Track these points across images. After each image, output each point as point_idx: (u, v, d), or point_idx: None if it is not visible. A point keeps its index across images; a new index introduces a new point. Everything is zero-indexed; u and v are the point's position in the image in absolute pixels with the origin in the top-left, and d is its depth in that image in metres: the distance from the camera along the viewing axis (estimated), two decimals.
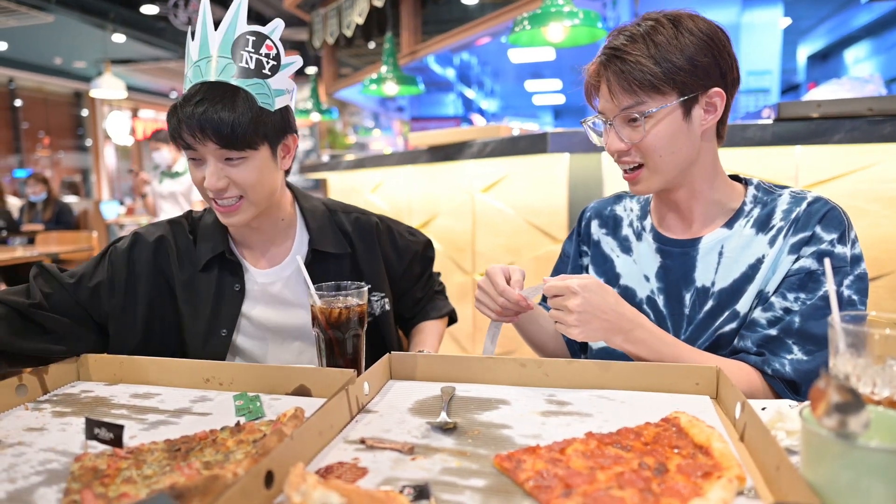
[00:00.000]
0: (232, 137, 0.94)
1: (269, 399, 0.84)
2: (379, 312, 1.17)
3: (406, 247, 1.24)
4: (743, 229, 0.96)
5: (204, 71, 0.96)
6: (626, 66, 0.88)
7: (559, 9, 2.40)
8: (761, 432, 0.62)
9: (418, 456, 0.66)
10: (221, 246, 1.08)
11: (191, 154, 0.98)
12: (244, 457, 0.64)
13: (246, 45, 0.96)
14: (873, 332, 0.56)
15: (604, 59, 0.92)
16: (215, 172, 0.97)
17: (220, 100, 0.93)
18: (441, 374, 0.91)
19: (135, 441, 0.71)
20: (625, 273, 1.07)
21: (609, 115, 0.93)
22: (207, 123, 0.93)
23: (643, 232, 1.07)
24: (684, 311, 0.99)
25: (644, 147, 0.92)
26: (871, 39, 7.65)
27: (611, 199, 1.17)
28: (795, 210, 0.94)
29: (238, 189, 0.99)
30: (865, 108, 1.78)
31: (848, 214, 0.94)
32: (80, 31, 7.80)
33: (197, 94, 0.94)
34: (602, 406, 0.80)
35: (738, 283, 0.95)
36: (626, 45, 0.89)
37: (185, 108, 0.94)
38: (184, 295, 1.08)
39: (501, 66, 11.18)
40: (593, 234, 1.14)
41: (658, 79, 0.87)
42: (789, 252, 0.92)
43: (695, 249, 0.99)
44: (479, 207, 2.55)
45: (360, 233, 1.17)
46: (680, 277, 1.00)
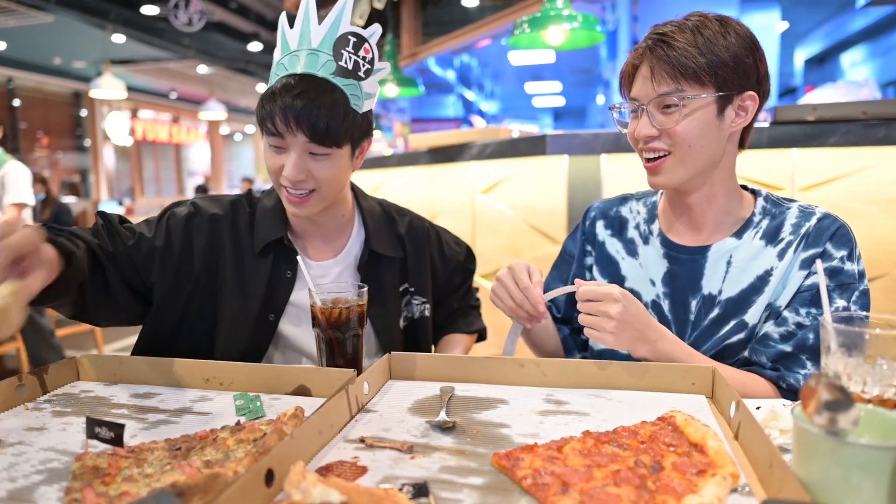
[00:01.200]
0: (324, 134, 0.95)
1: (269, 399, 0.85)
2: (418, 317, 1.18)
3: (452, 255, 1.25)
4: (752, 240, 0.98)
5: (304, 63, 0.97)
6: (672, 51, 0.89)
7: (558, 12, 2.41)
8: (755, 431, 0.63)
9: (417, 454, 0.66)
10: (280, 232, 1.08)
11: (275, 142, 0.98)
12: (245, 455, 0.65)
13: (347, 44, 0.97)
14: (863, 332, 0.57)
15: (650, 42, 0.92)
16: (298, 164, 0.97)
17: (319, 95, 0.94)
18: (440, 374, 0.92)
19: (135, 440, 0.72)
20: (630, 276, 1.07)
21: (644, 99, 0.93)
22: (305, 117, 0.94)
23: (650, 236, 1.07)
24: (689, 318, 1.00)
25: (675, 134, 0.91)
26: (868, 43, 7.69)
27: (616, 200, 1.17)
28: (805, 225, 0.95)
29: (314, 183, 1.00)
30: (860, 111, 1.79)
31: (853, 232, 0.96)
32: (79, 31, 7.81)
33: (297, 85, 0.95)
34: (599, 405, 0.80)
35: (746, 294, 0.96)
36: (674, 32, 0.91)
37: (283, 96, 0.94)
38: (234, 278, 1.06)
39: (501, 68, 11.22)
40: (598, 234, 1.14)
41: (701, 69, 0.89)
42: (800, 267, 0.94)
43: (703, 257, 1.00)
44: (479, 208, 2.56)
45: (412, 237, 1.19)
46: (687, 284, 1.01)
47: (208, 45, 8.98)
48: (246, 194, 1.16)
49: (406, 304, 1.17)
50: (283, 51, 0.99)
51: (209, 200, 1.12)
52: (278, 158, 0.99)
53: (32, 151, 10.62)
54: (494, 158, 2.40)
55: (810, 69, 9.03)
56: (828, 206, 1.89)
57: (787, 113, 1.86)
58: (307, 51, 0.97)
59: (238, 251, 1.08)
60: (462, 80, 11.13)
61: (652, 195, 1.13)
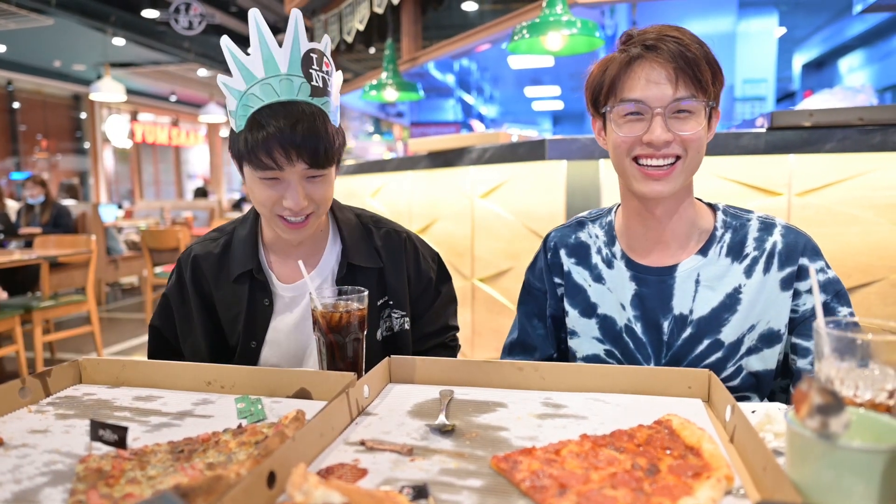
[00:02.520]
0: (324, 158, 0.96)
1: (271, 402, 0.86)
2: (398, 329, 1.17)
3: (426, 270, 1.22)
4: (718, 258, 0.99)
5: (278, 90, 0.94)
6: (691, 55, 0.90)
7: (558, 18, 2.43)
8: (750, 434, 0.64)
9: (417, 457, 0.67)
10: (251, 262, 1.10)
11: (269, 174, 0.97)
12: (247, 458, 0.65)
13: (311, 63, 0.96)
14: (856, 337, 0.58)
15: (672, 46, 0.90)
16: (300, 192, 0.97)
17: (310, 121, 0.94)
18: (439, 377, 0.93)
19: (138, 443, 0.72)
20: (601, 302, 1.06)
21: (657, 103, 0.91)
22: (304, 145, 0.93)
23: (613, 259, 1.06)
24: (663, 339, 1.00)
25: (688, 140, 0.92)
26: (865, 49, 7.73)
27: (572, 226, 1.14)
28: (768, 239, 0.98)
29: (314, 205, 1.01)
30: (856, 117, 1.81)
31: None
32: (79, 34, 7.83)
33: (285, 114, 0.93)
34: (597, 409, 0.81)
35: (717, 312, 0.98)
36: (681, 38, 0.91)
37: (275, 128, 0.92)
38: (222, 308, 1.13)
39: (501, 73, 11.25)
40: (563, 264, 1.11)
41: (706, 79, 0.91)
42: (782, 288, 0.96)
43: (671, 277, 1.00)
44: (478, 213, 2.57)
45: (389, 249, 1.17)
46: (657, 305, 1.00)
47: (208, 49, 9.00)
48: (222, 227, 1.19)
49: (386, 316, 1.16)
50: (247, 80, 0.95)
51: (186, 250, 1.18)
52: (273, 191, 0.99)
53: (32, 154, 10.62)
54: (494, 163, 2.41)
55: (808, 74, 9.07)
56: (824, 211, 1.92)
57: (784, 118, 1.88)
58: (279, 77, 0.94)
59: (220, 284, 1.12)
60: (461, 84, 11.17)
61: (606, 215, 1.11)
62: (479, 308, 2.62)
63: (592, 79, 0.98)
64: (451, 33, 4.62)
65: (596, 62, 1.00)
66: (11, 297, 4.39)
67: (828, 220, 1.93)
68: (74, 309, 3.89)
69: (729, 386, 0.98)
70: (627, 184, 0.98)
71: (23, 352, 3.48)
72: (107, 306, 6.14)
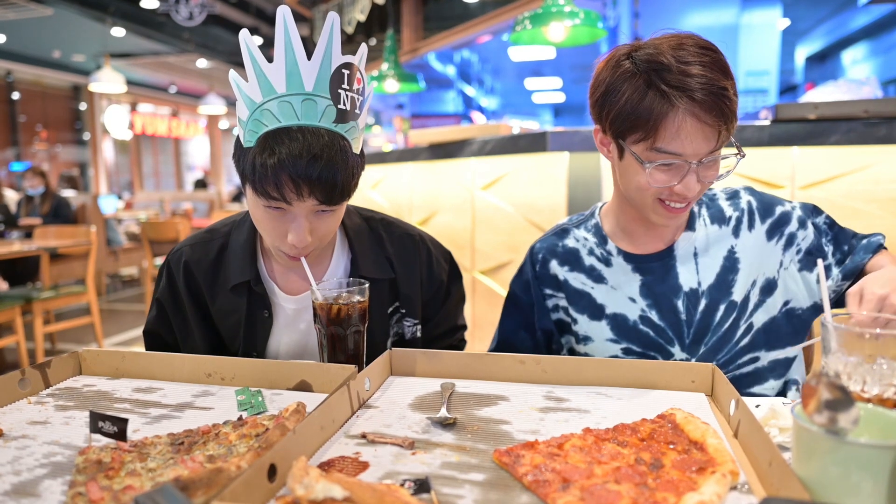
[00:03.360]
0: (339, 195, 0.87)
1: (271, 394, 0.85)
2: (409, 337, 1.12)
3: (438, 273, 1.15)
4: (705, 227, 1.04)
5: (300, 112, 0.83)
6: (730, 104, 0.85)
7: (560, 9, 2.41)
8: (755, 429, 0.63)
9: (419, 450, 0.67)
10: (248, 273, 1.02)
11: (277, 205, 0.87)
12: (247, 450, 0.65)
13: (342, 81, 0.84)
14: (864, 332, 0.58)
15: (715, 93, 0.83)
16: (305, 228, 0.88)
17: (330, 153, 0.83)
18: (441, 370, 0.92)
19: (138, 435, 0.72)
20: (608, 302, 1.05)
21: (695, 157, 0.87)
22: (319, 181, 0.83)
23: (610, 256, 1.05)
24: (681, 318, 1.02)
25: (708, 184, 0.92)
26: (869, 41, 7.68)
27: (557, 234, 1.12)
28: (741, 201, 1.05)
29: (316, 239, 0.92)
30: (861, 110, 1.79)
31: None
32: (79, 24, 7.78)
33: (303, 143, 0.82)
34: (600, 403, 0.81)
35: (722, 276, 1.02)
36: (725, 84, 0.85)
37: (290, 160, 0.81)
38: (220, 316, 1.07)
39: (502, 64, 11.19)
40: (557, 274, 1.08)
41: (735, 118, 0.87)
42: (768, 239, 1.03)
43: (672, 258, 1.03)
44: (478, 205, 2.56)
45: (401, 256, 1.10)
46: (667, 288, 1.02)
47: (208, 39, 8.94)
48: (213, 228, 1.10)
49: (396, 321, 1.12)
50: (264, 92, 0.83)
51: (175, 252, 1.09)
52: (279, 223, 0.90)
53: (31, 145, 10.59)
54: (495, 155, 2.40)
55: (811, 66, 9.02)
56: (827, 204, 1.91)
57: (789, 111, 1.86)
58: (302, 97, 0.83)
59: (215, 291, 1.06)
60: (462, 76, 11.11)
61: (590, 218, 1.11)
62: (479, 301, 2.62)
63: (605, 94, 0.91)
64: (452, 24, 4.59)
65: (601, 61, 0.94)
66: (12, 288, 4.38)
67: (831, 214, 1.92)
68: (74, 300, 3.88)
69: (741, 345, 1.01)
70: (643, 213, 0.97)
71: (23, 342, 3.48)
72: (107, 297, 6.15)
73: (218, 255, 1.06)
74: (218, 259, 1.06)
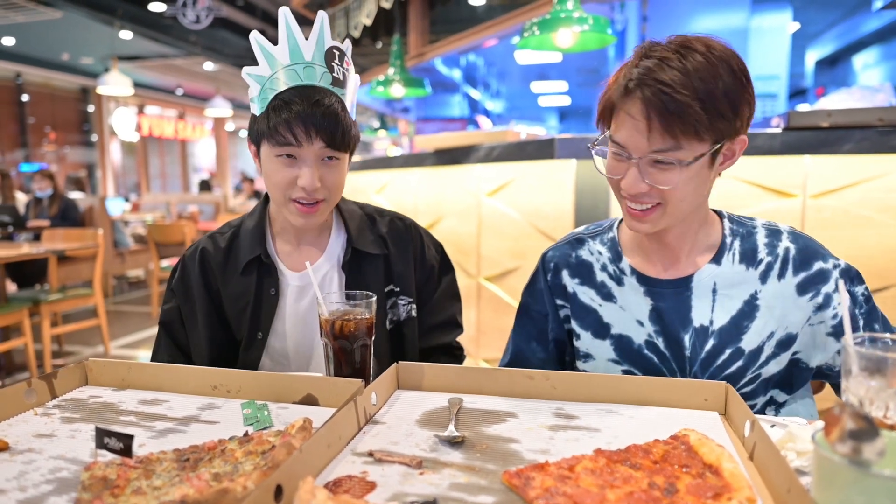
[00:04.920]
0: (340, 139, 1.01)
1: (277, 408, 0.84)
2: (405, 317, 1.18)
3: (430, 258, 1.23)
4: (732, 265, 0.96)
5: (302, 75, 1.00)
6: (674, 105, 0.79)
7: (569, 14, 2.39)
8: (771, 452, 0.62)
9: (427, 470, 0.65)
10: (259, 248, 1.11)
11: (287, 151, 1.00)
12: (253, 469, 0.64)
13: (334, 57, 1.02)
14: (886, 356, 0.56)
15: (649, 93, 0.80)
16: (314, 171, 1.01)
17: (330, 103, 0.99)
18: (448, 384, 0.91)
19: (143, 449, 0.71)
20: (615, 322, 1.01)
21: (635, 152, 0.84)
22: (322, 123, 0.98)
23: (623, 276, 1.01)
24: (685, 354, 0.97)
25: (669, 192, 0.86)
26: (881, 45, 7.62)
27: (571, 244, 1.08)
28: (779, 245, 0.96)
29: (326, 191, 1.03)
30: (876, 118, 1.77)
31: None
32: (87, 27, 7.83)
33: (305, 95, 0.98)
34: (610, 421, 0.79)
35: (736, 320, 0.95)
36: (675, 81, 0.80)
37: (296, 106, 0.97)
38: (230, 302, 1.13)
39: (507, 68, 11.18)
40: (567, 285, 1.05)
41: (703, 126, 0.80)
42: (799, 293, 0.94)
43: (688, 289, 0.96)
44: (484, 211, 2.55)
45: (394, 236, 1.19)
46: (676, 319, 0.96)
47: (215, 42, 8.99)
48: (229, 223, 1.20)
49: (392, 305, 1.17)
50: (271, 66, 1.01)
51: (192, 245, 1.17)
52: (289, 171, 1.02)
53: (40, 146, 10.67)
54: (501, 161, 2.39)
55: (821, 70, 8.96)
56: (840, 213, 1.88)
57: (801, 119, 1.84)
58: (304, 64, 1.01)
59: (227, 276, 1.13)
60: (468, 79, 11.11)
61: (607, 231, 1.06)
62: (484, 307, 2.60)
63: (605, 90, 0.91)
64: (458, 28, 4.58)
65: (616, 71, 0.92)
66: (20, 290, 4.41)
67: (843, 223, 1.90)
68: (82, 302, 3.90)
69: (743, 392, 0.96)
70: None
71: (31, 344, 3.49)
72: (113, 299, 6.17)
73: (230, 242, 1.15)
74: (230, 245, 1.15)
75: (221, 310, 1.13)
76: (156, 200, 9.27)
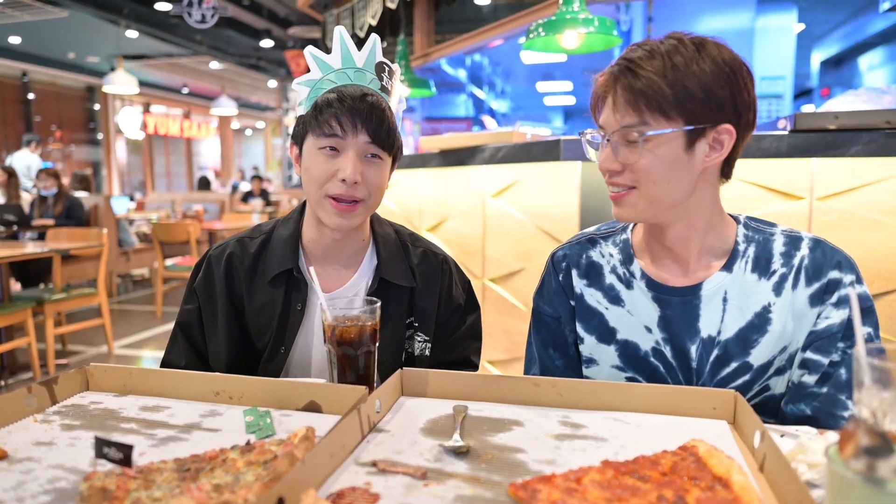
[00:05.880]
0: (386, 135, 1.01)
1: (280, 415, 0.83)
2: (417, 353, 1.14)
3: (455, 297, 1.18)
4: (744, 274, 0.93)
5: (353, 77, 1.04)
6: (637, 81, 0.83)
7: (574, 16, 2.38)
8: (782, 465, 0.61)
9: (431, 482, 0.64)
10: (291, 262, 1.08)
11: (331, 143, 1.00)
12: (255, 479, 0.63)
13: (383, 70, 1.06)
14: None
15: (616, 70, 0.86)
16: (356, 164, 0.99)
17: (377, 99, 1.01)
18: (453, 391, 0.90)
19: (144, 458, 0.70)
20: (621, 327, 0.99)
21: (608, 130, 0.88)
22: (369, 117, 0.99)
23: (633, 279, 0.98)
24: (692, 365, 0.95)
25: (637, 169, 0.86)
26: (887, 46, 7.58)
27: (583, 244, 1.06)
28: (796, 255, 0.92)
29: (365, 189, 1.02)
30: (883, 120, 1.75)
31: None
32: (93, 26, 7.86)
33: (354, 92, 1.00)
34: (617, 430, 0.78)
35: (745, 333, 0.92)
36: (641, 59, 0.83)
37: (344, 101, 0.99)
38: (253, 311, 1.10)
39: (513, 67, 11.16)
40: (575, 286, 1.03)
41: (667, 102, 0.82)
42: (811, 305, 0.91)
43: (697, 297, 0.93)
44: (489, 212, 2.54)
45: (424, 269, 1.15)
46: (683, 329, 0.94)
47: (220, 41, 9.00)
48: (259, 226, 1.16)
49: (409, 338, 1.13)
50: (323, 70, 1.04)
51: (219, 246, 1.14)
52: (331, 163, 1.00)
53: (46, 144, 10.71)
54: (507, 162, 2.37)
55: (826, 71, 8.91)
56: (846, 216, 1.87)
57: (808, 121, 1.83)
58: (354, 69, 1.04)
59: (254, 284, 1.10)
60: (473, 79, 11.09)
61: (621, 232, 1.04)
62: (489, 309, 2.59)
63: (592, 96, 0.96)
64: (464, 28, 4.57)
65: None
66: (25, 289, 4.42)
67: (850, 226, 1.88)
68: (86, 302, 3.91)
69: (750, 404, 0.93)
70: None
71: (34, 344, 3.50)
72: (118, 298, 6.19)
73: (260, 250, 1.12)
74: (260, 253, 1.12)
75: (243, 317, 1.11)
76: (161, 199, 9.29)
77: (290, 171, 11.21)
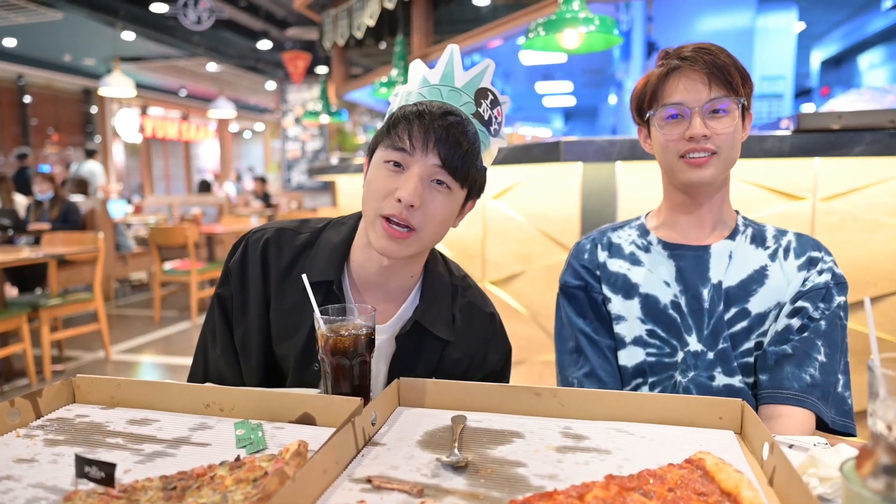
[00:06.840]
0: (459, 162, 0.90)
1: (272, 428, 0.81)
2: None
3: (491, 364, 1.07)
4: (745, 243, 1.11)
5: (446, 95, 0.94)
6: (721, 61, 1.01)
7: (574, 15, 2.35)
8: (793, 479, 0.58)
9: (428, 498, 0.62)
10: (333, 273, 0.97)
11: (396, 157, 0.90)
12: (244, 499, 0.60)
13: (486, 97, 0.96)
14: None
15: (700, 59, 1.01)
16: (417, 185, 0.88)
17: (462, 119, 0.91)
18: (451, 401, 0.87)
19: (129, 476, 0.68)
20: (642, 282, 1.12)
21: (694, 103, 1.01)
22: (444, 139, 0.88)
23: (650, 245, 1.14)
24: (704, 307, 1.07)
25: (723, 136, 1.01)
26: (887, 45, 7.56)
27: (602, 231, 1.21)
28: (783, 238, 1.11)
29: (422, 217, 0.90)
30: (887, 120, 1.73)
31: None
32: (89, 28, 7.83)
33: (440, 110, 0.89)
34: (621, 442, 0.76)
35: (745, 283, 1.08)
36: (714, 51, 1.02)
37: (425, 116, 0.89)
38: (278, 313, 1.00)
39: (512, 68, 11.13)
40: (599, 257, 1.17)
41: (737, 83, 1.02)
42: (799, 270, 1.08)
43: (707, 252, 1.10)
44: (490, 214, 2.51)
45: (466, 321, 1.04)
46: (696, 276, 1.09)
47: (218, 43, 8.97)
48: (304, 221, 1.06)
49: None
50: (420, 84, 0.96)
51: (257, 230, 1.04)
52: (392, 180, 0.89)
53: (43, 147, 10.68)
54: (507, 164, 2.35)
55: (827, 70, 8.89)
56: (849, 217, 1.84)
57: (811, 121, 1.80)
58: (450, 88, 0.94)
59: (282, 284, 1.00)
60: None
61: (634, 220, 1.20)
62: None
63: (636, 92, 1.10)
64: (462, 29, 4.55)
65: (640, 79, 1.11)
66: (21, 293, 4.39)
67: (853, 226, 1.85)
68: (82, 307, 3.87)
69: (744, 361, 1.05)
70: (673, 178, 1.07)
71: (30, 350, 3.47)
72: (115, 302, 6.15)
73: (301, 249, 1.01)
74: (300, 252, 1.01)
75: (268, 312, 1.00)
76: (159, 202, 9.25)
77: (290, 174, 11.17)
